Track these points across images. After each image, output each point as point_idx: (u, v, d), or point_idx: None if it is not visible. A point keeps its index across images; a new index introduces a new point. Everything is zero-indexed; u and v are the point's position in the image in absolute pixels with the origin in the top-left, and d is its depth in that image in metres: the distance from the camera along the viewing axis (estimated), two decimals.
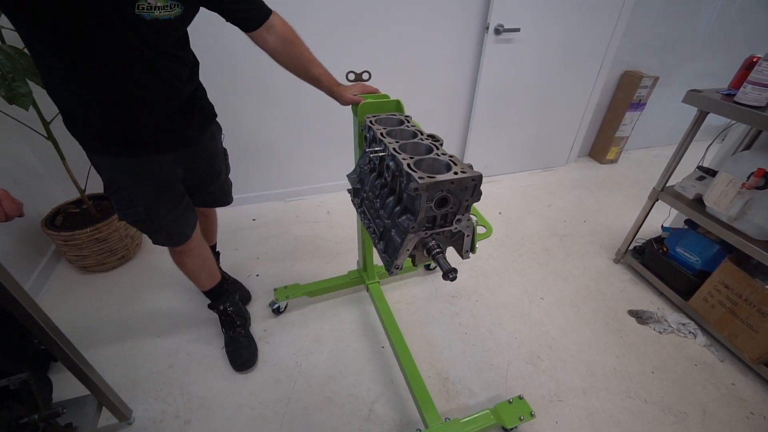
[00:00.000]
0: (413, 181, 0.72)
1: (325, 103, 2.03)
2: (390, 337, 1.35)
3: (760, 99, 1.26)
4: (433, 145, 0.88)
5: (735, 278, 1.42)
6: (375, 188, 0.95)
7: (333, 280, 1.61)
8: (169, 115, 0.99)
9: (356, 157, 1.20)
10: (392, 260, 0.83)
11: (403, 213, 0.83)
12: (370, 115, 1.04)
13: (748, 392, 1.37)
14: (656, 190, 1.66)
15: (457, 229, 0.81)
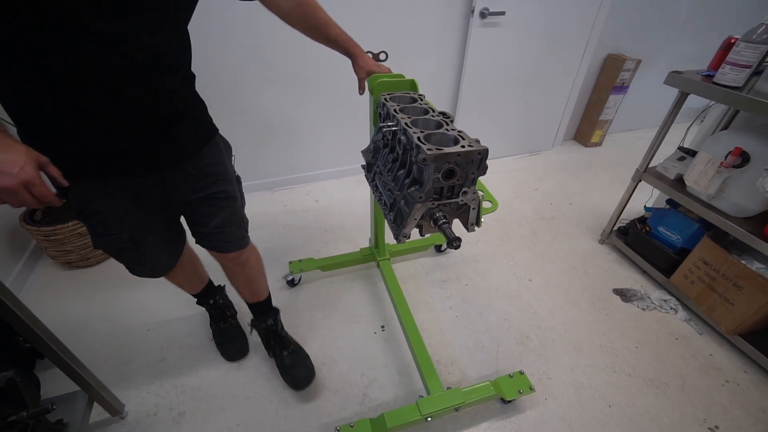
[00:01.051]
0: (422, 152, 0.75)
1: (312, 92, 2.03)
2: (398, 309, 1.40)
3: (737, 79, 1.29)
4: (444, 121, 0.91)
5: (713, 255, 1.47)
6: (387, 162, 0.98)
7: (345, 255, 1.67)
8: (150, 130, 0.79)
9: (371, 134, 1.21)
10: (400, 229, 0.87)
11: (412, 184, 0.86)
12: (385, 93, 1.04)
13: (724, 362, 1.43)
14: (639, 171, 1.69)
15: (463, 201, 0.85)
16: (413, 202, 0.82)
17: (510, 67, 2.31)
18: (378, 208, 1.40)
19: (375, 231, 1.52)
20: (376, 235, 1.53)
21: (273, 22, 0.99)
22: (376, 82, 1.05)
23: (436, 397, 1.14)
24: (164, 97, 0.78)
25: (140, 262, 0.99)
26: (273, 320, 1.30)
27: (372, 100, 1.12)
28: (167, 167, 0.86)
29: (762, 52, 1.23)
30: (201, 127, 0.93)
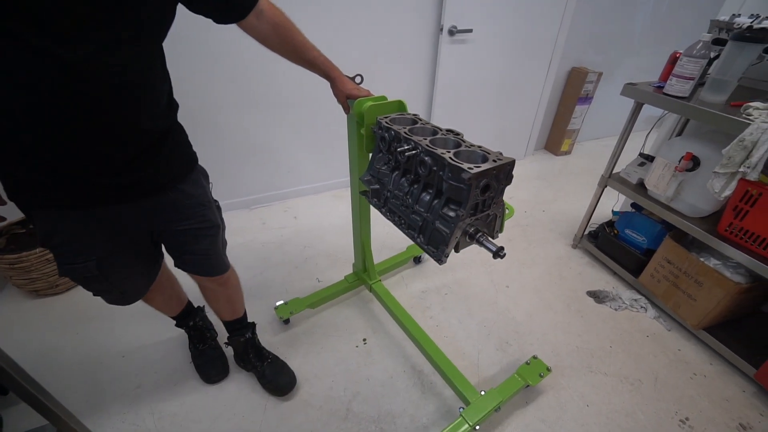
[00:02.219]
0: (465, 173, 0.78)
1: (290, 110, 2.05)
2: (408, 329, 1.38)
3: (683, 90, 1.39)
4: (459, 139, 0.94)
5: (675, 254, 1.55)
6: (402, 186, 0.98)
7: (334, 286, 1.60)
8: (132, 152, 0.77)
9: (354, 159, 1.20)
10: (442, 250, 0.88)
11: (446, 204, 0.87)
12: (382, 116, 1.04)
13: (691, 355, 1.50)
14: (604, 177, 1.78)
15: (493, 212, 0.89)
16: (454, 221, 0.84)
17: (480, 81, 2.40)
18: (364, 233, 1.39)
19: (362, 255, 1.49)
20: (364, 259, 1.50)
21: (250, 45, 1.01)
22: (366, 108, 1.02)
23: (478, 403, 1.17)
24: (138, 122, 0.75)
25: (108, 290, 0.97)
26: (251, 333, 1.32)
27: (353, 126, 1.11)
28: (145, 195, 0.84)
29: (702, 65, 1.34)
30: (182, 156, 0.91)
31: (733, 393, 1.38)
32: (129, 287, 1.00)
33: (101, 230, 0.84)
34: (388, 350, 1.46)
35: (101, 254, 0.87)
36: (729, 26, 1.44)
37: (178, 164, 0.90)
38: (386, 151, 1.01)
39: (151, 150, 0.80)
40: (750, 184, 1.26)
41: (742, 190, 1.29)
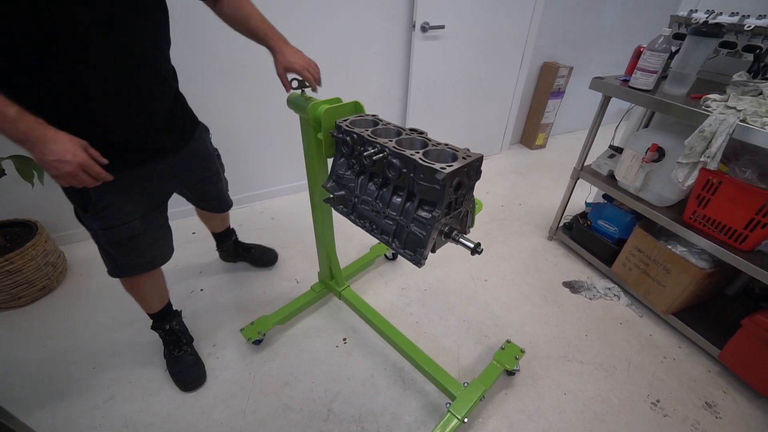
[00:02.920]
0: (438, 173, 0.77)
1: (260, 109, 2.01)
2: (385, 332, 1.36)
3: (648, 83, 1.43)
4: (425, 138, 0.93)
5: (645, 242, 1.60)
6: (370, 191, 0.96)
7: (300, 299, 1.52)
8: (160, 118, 0.97)
9: (313, 165, 1.16)
10: (420, 253, 0.88)
11: (420, 206, 0.86)
12: (341, 119, 1.01)
13: (662, 340, 1.56)
14: (576, 170, 1.82)
15: (465, 208, 0.89)
16: (430, 222, 0.84)
17: (455, 77, 2.41)
18: (326, 240, 1.36)
19: (328, 263, 1.45)
20: (330, 267, 1.47)
21: (218, 38, 0.98)
22: (322, 111, 0.99)
23: (463, 396, 1.18)
24: (165, 89, 0.96)
25: (144, 251, 1.09)
26: (235, 235, 1.74)
27: (308, 130, 1.08)
28: (173, 153, 1.04)
29: (664, 59, 1.38)
30: (189, 113, 1.13)
31: (699, 373, 1.44)
32: (159, 249, 1.15)
33: (142, 190, 1.01)
34: (368, 349, 1.46)
35: (142, 212, 1.02)
36: (687, 21, 1.49)
37: (189, 123, 1.12)
38: (349, 156, 0.98)
39: (172, 112, 1.01)
40: (710, 173, 1.31)
41: (704, 179, 1.34)
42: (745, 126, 1.16)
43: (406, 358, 1.32)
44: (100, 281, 1.70)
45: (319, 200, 1.22)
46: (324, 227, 1.32)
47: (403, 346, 1.31)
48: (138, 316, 1.53)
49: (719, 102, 1.27)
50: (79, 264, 1.79)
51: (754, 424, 1.29)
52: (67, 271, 1.74)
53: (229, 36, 1.07)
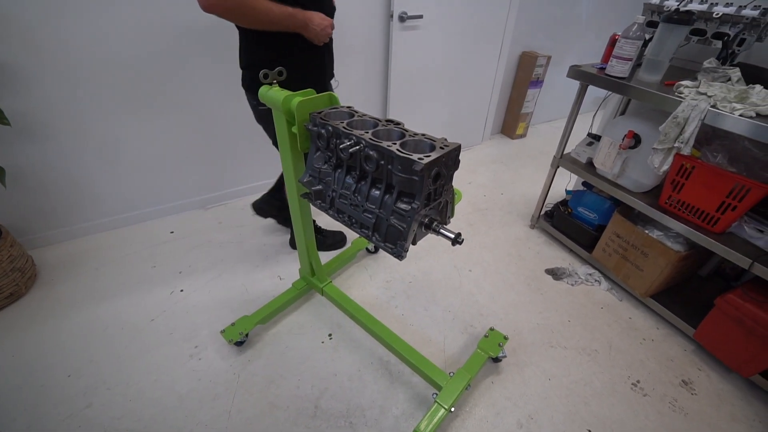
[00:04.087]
0: (416, 164, 0.76)
1: (238, 103, 1.94)
2: (369, 327, 1.35)
3: (623, 71, 1.45)
4: (402, 129, 0.91)
5: (623, 228, 1.63)
6: (348, 184, 0.94)
7: (281, 297, 1.49)
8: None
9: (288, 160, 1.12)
10: (401, 245, 0.86)
11: (399, 198, 0.85)
12: (315, 112, 0.98)
13: (640, 322, 1.60)
14: (556, 158, 1.84)
15: (444, 198, 0.88)
16: (410, 214, 0.82)
17: (434, 67, 2.40)
18: (306, 234, 1.33)
19: (308, 259, 1.43)
20: (310, 263, 1.43)
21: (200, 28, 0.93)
22: (296, 104, 0.97)
23: (449, 386, 1.18)
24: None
25: None
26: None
27: (282, 124, 1.05)
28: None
29: (638, 46, 1.40)
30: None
31: (676, 353, 1.49)
32: None
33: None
34: (354, 343, 1.45)
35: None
36: (660, 9, 1.51)
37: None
38: (325, 149, 0.96)
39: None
40: (684, 158, 1.33)
41: (678, 164, 1.37)
42: (716, 112, 1.19)
43: (392, 351, 1.32)
44: (73, 286, 1.63)
45: (297, 196, 1.19)
46: (303, 223, 1.30)
47: (388, 339, 1.30)
48: (114, 322, 1.49)
49: (691, 88, 1.30)
50: (50, 268, 1.71)
51: (726, 397, 1.34)
52: (37, 277, 1.67)
53: (211, 24, 1.03)
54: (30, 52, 1.46)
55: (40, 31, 1.44)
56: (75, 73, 1.56)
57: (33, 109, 1.55)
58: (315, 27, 1.18)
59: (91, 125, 1.68)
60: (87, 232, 1.91)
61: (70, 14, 1.46)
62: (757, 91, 1.21)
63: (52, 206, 1.78)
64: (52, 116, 1.60)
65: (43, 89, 1.54)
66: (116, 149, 1.79)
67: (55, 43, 1.48)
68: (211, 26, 1.69)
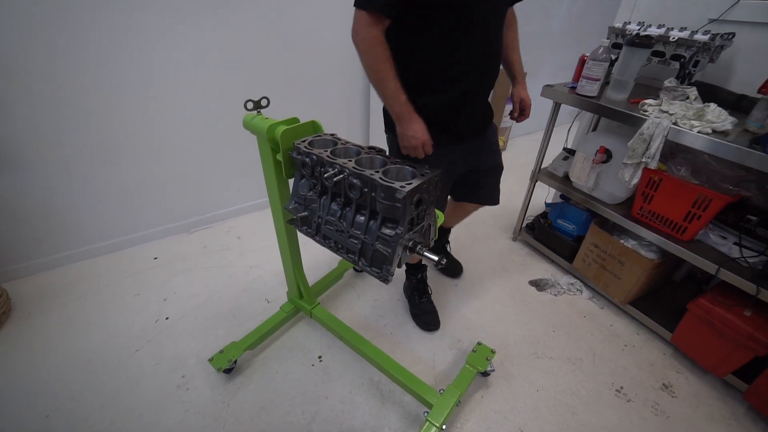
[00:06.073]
0: (398, 192, 0.79)
1: (221, 124, 1.95)
2: (359, 348, 1.35)
3: (592, 90, 1.53)
4: (384, 156, 0.95)
5: (600, 238, 1.70)
6: (333, 211, 0.96)
7: (270, 321, 1.47)
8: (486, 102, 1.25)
9: (273, 186, 1.14)
10: (386, 269, 0.89)
11: (383, 224, 0.88)
12: (299, 140, 1.00)
13: (621, 329, 1.66)
14: (534, 172, 1.91)
15: (426, 222, 0.92)
16: (394, 239, 0.85)
17: None
18: (293, 258, 1.34)
19: (295, 281, 1.41)
20: (298, 285, 1.43)
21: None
22: (280, 133, 0.99)
23: (440, 404, 1.19)
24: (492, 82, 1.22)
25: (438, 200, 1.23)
26: (448, 236, 1.86)
27: (266, 151, 1.06)
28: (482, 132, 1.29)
29: (605, 67, 1.48)
30: (489, 110, 1.29)
31: (656, 357, 1.54)
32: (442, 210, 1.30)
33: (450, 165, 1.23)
34: (345, 364, 1.45)
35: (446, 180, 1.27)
36: (623, 32, 1.61)
37: (490, 115, 1.30)
38: (310, 176, 0.99)
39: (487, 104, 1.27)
40: (652, 172, 1.41)
41: (647, 178, 1.45)
42: (677, 129, 1.27)
43: (382, 371, 1.32)
44: (52, 319, 1.58)
45: (283, 221, 1.21)
46: (290, 247, 1.31)
47: (378, 360, 1.31)
48: (96, 355, 1.44)
49: (654, 106, 1.39)
50: (27, 301, 1.66)
51: (703, 398, 1.40)
52: (12, 310, 1.61)
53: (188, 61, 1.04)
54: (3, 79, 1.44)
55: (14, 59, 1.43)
56: (53, 101, 1.54)
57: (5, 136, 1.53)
58: (403, 135, 1.07)
59: (67, 151, 1.66)
60: (65, 261, 1.86)
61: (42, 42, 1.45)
62: (712, 109, 1.30)
63: (27, 235, 1.73)
64: (27, 143, 1.57)
65: (17, 116, 1.51)
66: (94, 175, 1.76)
67: (31, 71, 1.47)
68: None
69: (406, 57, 1.06)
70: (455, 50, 1.05)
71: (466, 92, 1.13)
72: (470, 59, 1.07)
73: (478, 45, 1.06)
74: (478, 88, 1.17)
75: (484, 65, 1.12)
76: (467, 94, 1.13)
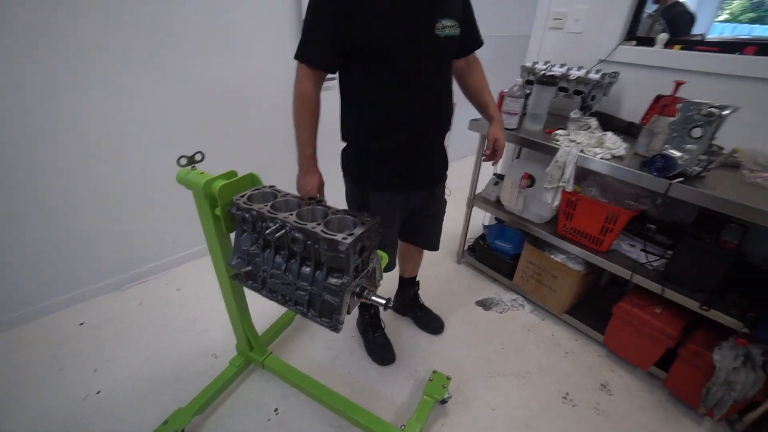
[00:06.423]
0: (340, 244, 0.81)
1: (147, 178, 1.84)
2: (316, 395, 1.32)
3: (512, 123, 1.70)
4: (324, 206, 0.96)
5: (534, 255, 1.85)
6: (278, 264, 0.95)
7: (219, 379, 1.39)
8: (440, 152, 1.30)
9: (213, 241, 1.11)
10: (336, 319, 0.90)
11: (329, 274, 0.89)
12: (237, 196, 0.99)
13: (562, 337, 1.79)
14: (470, 198, 2.04)
15: (371, 266, 0.94)
16: (341, 289, 0.87)
17: None
18: (240, 310, 1.30)
19: (244, 333, 1.36)
20: (247, 337, 1.38)
21: None
22: (217, 189, 0.97)
23: None
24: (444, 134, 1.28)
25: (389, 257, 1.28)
26: (417, 287, 1.82)
27: (204, 206, 1.05)
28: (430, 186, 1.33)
29: (521, 103, 1.66)
30: (445, 159, 1.34)
31: (593, 360, 1.69)
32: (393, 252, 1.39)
33: (401, 208, 1.29)
34: (303, 413, 1.41)
35: (397, 222, 1.32)
36: (532, 71, 1.82)
37: (445, 167, 1.36)
38: (252, 231, 0.99)
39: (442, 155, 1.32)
40: (569, 193, 1.59)
41: (566, 199, 1.62)
42: (584, 156, 1.45)
43: (342, 416, 1.31)
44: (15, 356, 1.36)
45: (226, 276, 1.17)
46: (235, 300, 1.27)
47: (336, 404, 1.29)
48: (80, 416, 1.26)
49: (564, 136, 1.57)
50: None
51: (634, 391, 1.55)
52: None
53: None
54: None
55: None
56: None
57: None
58: (299, 182, 1.19)
59: None
60: None
61: None
62: (609, 137, 1.51)
63: None
64: None
65: None
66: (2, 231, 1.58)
67: None
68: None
69: (359, 103, 1.13)
70: (399, 100, 1.09)
71: (414, 140, 1.16)
72: (415, 109, 1.11)
73: (420, 95, 1.10)
74: (427, 137, 1.20)
75: (430, 115, 1.16)
76: (416, 141, 1.17)
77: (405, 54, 1.03)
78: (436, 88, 1.15)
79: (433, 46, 1.05)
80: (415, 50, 1.04)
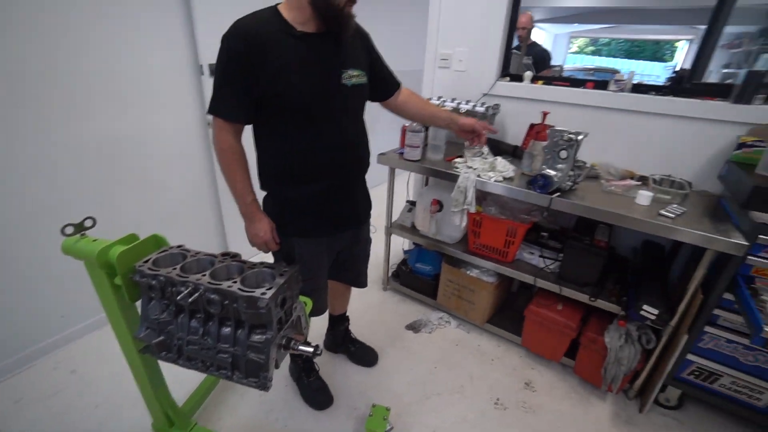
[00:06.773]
0: (260, 300, 0.79)
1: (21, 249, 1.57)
2: None
3: (416, 155, 1.84)
4: (239, 261, 0.94)
5: (451, 273, 1.98)
6: (194, 329, 0.89)
7: None
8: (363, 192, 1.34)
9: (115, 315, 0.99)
10: (264, 377, 0.86)
11: (251, 331, 0.85)
12: (140, 261, 0.91)
13: (487, 346, 1.93)
14: (387, 227, 2.13)
15: (296, 315, 0.93)
16: (266, 344, 0.84)
17: None
18: (153, 385, 1.17)
19: (161, 409, 1.21)
20: (165, 414, 1.23)
21: None
22: (116, 256, 0.89)
23: None
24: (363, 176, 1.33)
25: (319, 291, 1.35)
26: (348, 323, 1.83)
27: (98, 276, 0.95)
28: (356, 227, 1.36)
29: (422, 136, 1.81)
30: (369, 201, 1.40)
31: (516, 362, 1.84)
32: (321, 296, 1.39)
33: (328, 251, 1.31)
34: None
35: (325, 266, 1.33)
36: None
37: (369, 207, 1.41)
38: (161, 298, 0.92)
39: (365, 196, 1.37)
40: (473, 214, 1.76)
41: (472, 219, 1.79)
42: (481, 180, 1.63)
43: None
44: None
45: (135, 351, 1.05)
46: (147, 375, 1.14)
47: None
48: None
49: (462, 164, 1.75)
50: None
51: (554, 383, 1.73)
52: None
53: None
54: None
55: None
56: None
57: None
58: (248, 232, 1.18)
59: None
60: None
61: None
62: (499, 161, 1.72)
63: None
64: None
65: None
66: None
67: None
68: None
69: (275, 151, 1.13)
70: (315, 149, 1.11)
71: (332, 185, 1.18)
72: (329, 155, 1.13)
73: (336, 143, 1.13)
74: (345, 181, 1.22)
75: (346, 160, 1.19)
76: (334, 186, 1.19)
77: (317, 104, 1.06)
78: (352, 134, 1.18)
79: (343, 95, 1.10)
80: (326, 100, 1.07)
